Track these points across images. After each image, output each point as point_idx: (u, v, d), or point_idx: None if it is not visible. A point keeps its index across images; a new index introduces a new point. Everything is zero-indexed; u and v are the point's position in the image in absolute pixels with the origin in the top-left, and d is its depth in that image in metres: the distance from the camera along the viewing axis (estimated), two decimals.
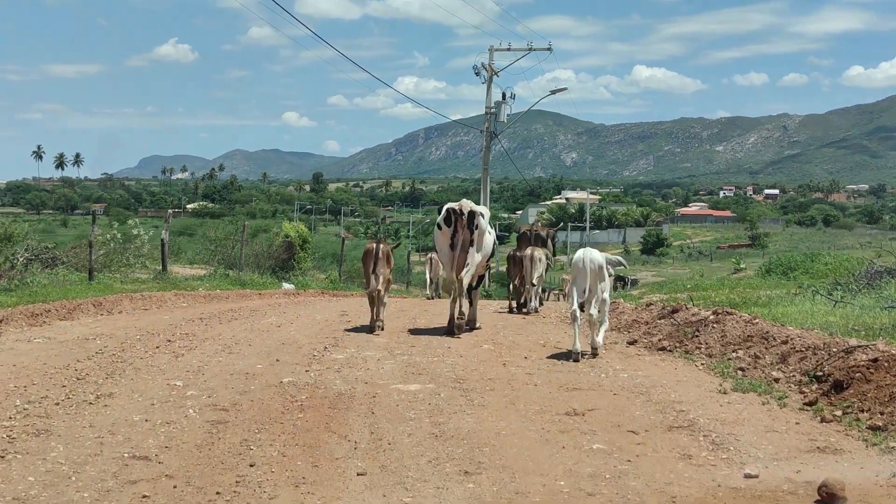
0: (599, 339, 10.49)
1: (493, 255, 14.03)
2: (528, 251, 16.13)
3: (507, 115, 41.06)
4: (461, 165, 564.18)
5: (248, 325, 12.97)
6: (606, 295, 10.61)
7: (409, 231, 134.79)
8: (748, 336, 9.66)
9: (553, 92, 41.70)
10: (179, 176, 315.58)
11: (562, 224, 57.21)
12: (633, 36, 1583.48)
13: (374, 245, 12.93)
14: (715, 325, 10.47)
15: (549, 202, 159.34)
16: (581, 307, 10.12)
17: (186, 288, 21.44)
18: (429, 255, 26.10)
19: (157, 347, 10.36)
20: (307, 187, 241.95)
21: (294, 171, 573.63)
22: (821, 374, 7.85)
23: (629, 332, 12.53)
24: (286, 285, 25.98)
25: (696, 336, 10.46)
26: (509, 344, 11.35)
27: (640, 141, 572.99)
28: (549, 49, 40.98)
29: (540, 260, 15.79)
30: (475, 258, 12.62)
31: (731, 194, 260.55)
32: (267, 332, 12.18)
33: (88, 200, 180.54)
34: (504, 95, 40.88)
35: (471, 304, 13.28)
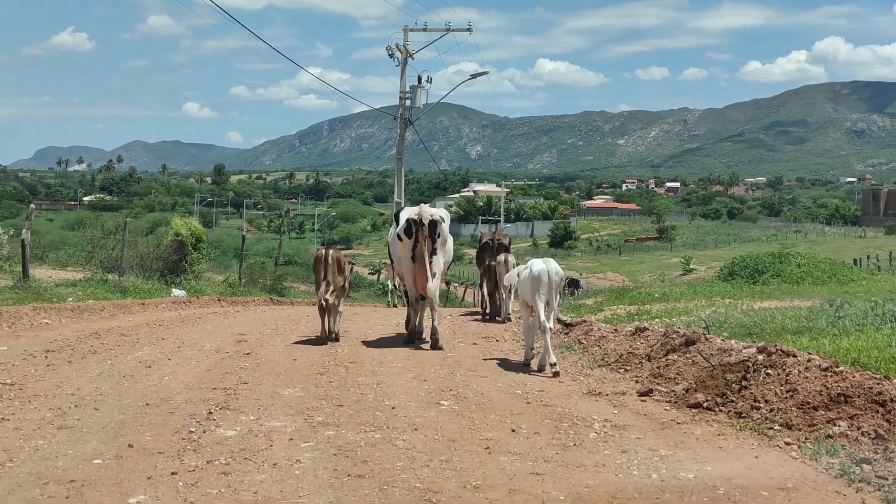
0: (552, 356, 9.77)
1: (453, 259, 13.48)
2: (501, 257, 15.64)
3: (424, 102, 37.71)
4: (366, 158, 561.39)
5: (108, 365, 9.43)
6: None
7: (313, 224, 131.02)
8: (838, 395, 6.59)
9: (474, 76, 38.64)
10: (76, 168, 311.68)
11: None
12: (536, 29, 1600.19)
13: (324, 251, 12.47)
14: (770, 372, 7.39)
15: (456, 195, 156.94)
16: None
17: (51, 298, 17.66)
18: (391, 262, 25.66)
19: None
20: (209, 179, 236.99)
21: (195, 162, 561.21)
22: None
23: (625, 369, 9.44)
24: (176, 292, 22.28)
25: (746, 388, 7.37)
26: (478, 399, 8.04)
27: (544, 134, 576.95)
28: (468, 30, 37.87)
29: (514, 266, 14.17)
30: (440, 266, 12.22)
31: (634, 187, 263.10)
32: (130, 379, 8.68)
33: None
34: (420, 79, 37.57)
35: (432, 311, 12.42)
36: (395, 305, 24.91)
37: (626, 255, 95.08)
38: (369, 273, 61.62)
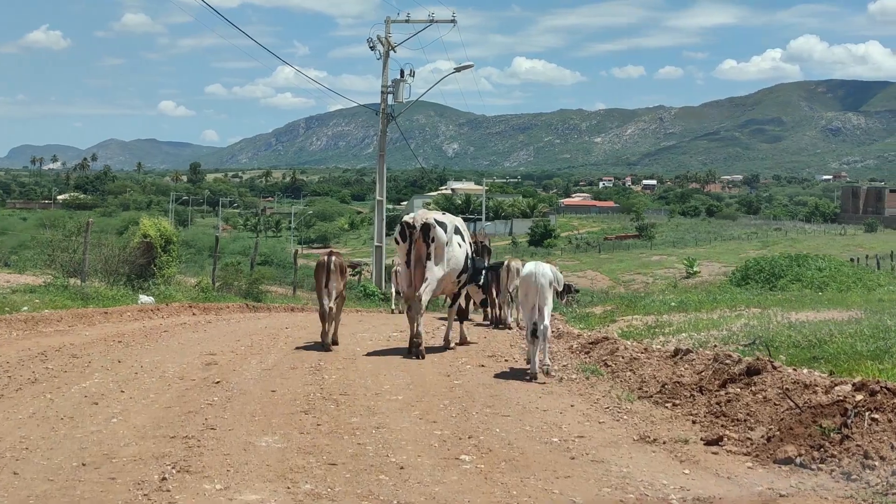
0: (547, 358, 9.84)
1: (466, 270, 12.50)
2: (505, 261, 15.38)
3: (406, 97, 36.01)
4: (342, 156, 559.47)
5: (46, 401, 7.72)
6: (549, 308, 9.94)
7: (290, 223, 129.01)
8: None
9: (458, 69, 36.97)
10: (51, 166, 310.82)
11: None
12: (513, 28, 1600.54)
13: (327, 258, 12.39)
14: (877, 417, 5.80)
15: (434, 193, 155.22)
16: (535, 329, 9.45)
17: (3, 308, 15.96)
18: (395, 267, 24.87)
19: None
20: (184, 178, 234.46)
21: (171, 161, 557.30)
22: None
23: (673, 403, 7.78)
24: (144, 298, 20.54)
25: (848, 437, 5.78)
26: (507, 452, 6.29)
27: (521, 132, 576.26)
28: (452, 21, 36.28)
29: (518, 270, 14.10)
30: (434, 273, 11.61)
31: (611, 185, 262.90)
32: (70, 423, 6.97)
33: None
34: (402, 73, 35.93)
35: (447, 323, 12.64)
36: (399, 311, 23.52)
37: (605, 254, 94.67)
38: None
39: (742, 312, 13.35)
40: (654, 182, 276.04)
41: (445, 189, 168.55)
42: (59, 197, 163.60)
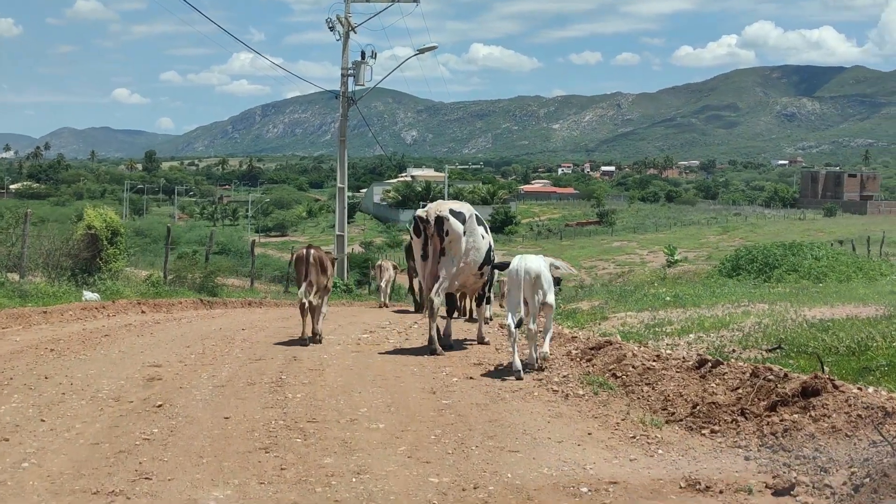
0: (546, 348, 9.68)
1: (488, 261, 11.76)
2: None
3: (368, 80, 34.43)
4: (299, 143, 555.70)
5: None
6: (550, 298, 9.60)
7: (247, 211, 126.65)
8: None
9: (421, 50, 35.42)
10: (3, 155, 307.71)
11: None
12: (470, 14, 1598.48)
13: (305, 251, 12.11)
14: None
15: (394, 180, 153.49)
16: (520, 323, 9.19)
17: None
18: (378, 261, 25.14)
19: None
20: (139, 166, 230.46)
21: (126, 149, 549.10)
22: None
23: (712, 430, 6.40)
24: (88, 295, 18.96)
25: None
26: None
27: (479, 119, 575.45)
28: (415, 1, 34.73)
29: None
30: (448, 269, 11.08)
31: (570, 171, 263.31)
32: None
33: None
34: (363, 55, 34.34)
35: (475, 320, 12.29)
36: (386, 305, 22.54)
37: (567, 240, 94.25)
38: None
39: (748, 308, 12.10)
40: (612, 168, 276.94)
41: (405, 176, 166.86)
42: (12, 186, 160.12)
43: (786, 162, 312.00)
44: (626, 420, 7.05)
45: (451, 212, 11.18)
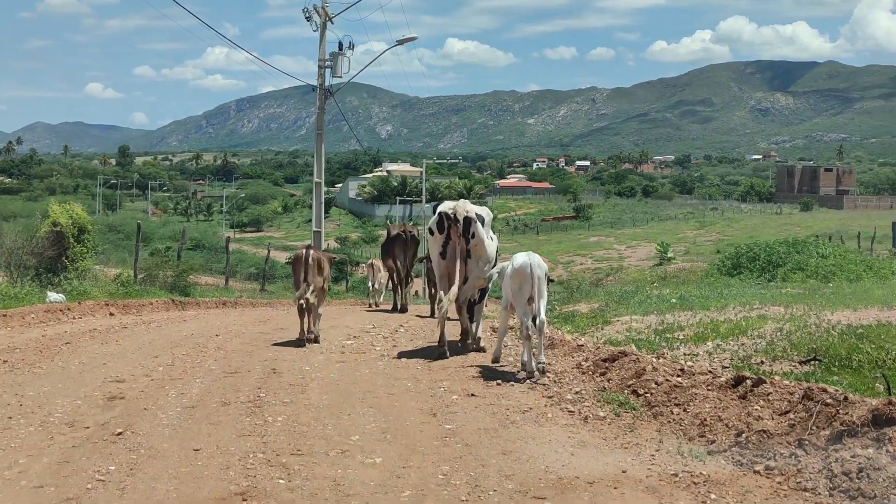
0: (542, 355, 9.14)
1: (493, 263, 11.40)
2: None
3: (346, 72, 33.38)
4: (274, 138, 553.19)
5: None
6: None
7: (222, 206, 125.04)
8: None
9: (401, 41, 34.46)
10: None
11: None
12: (445, 9, 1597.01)
13: (304, 251, 12.18)
14: None
15: (370, 175, 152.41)
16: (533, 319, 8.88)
17: None
18: (370, 260, 24.97)
19: None
20: (113, 161, 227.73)
21: (99, 144, 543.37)
22: None
23: (767, 466, 5.38)
24: (52, 296, 17.88)
25: None
26: None
27: (454, 114, 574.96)
28: None
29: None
30: (476, 272, 10.91)
31: (545, 166, 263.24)
32: None
33: None
34: (341, 45, 33.24)
35: (471, 320, 11.59)
36: (376, 306, 21.75)
37: (543, 235, 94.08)
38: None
39: (763, 312, 11.19)
40: (587, 163, 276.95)
41: (381, 171, 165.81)
42: None
43: (760, 157, 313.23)
44: (660, 451, 6.10)
45: (477, 215, 11.01)
